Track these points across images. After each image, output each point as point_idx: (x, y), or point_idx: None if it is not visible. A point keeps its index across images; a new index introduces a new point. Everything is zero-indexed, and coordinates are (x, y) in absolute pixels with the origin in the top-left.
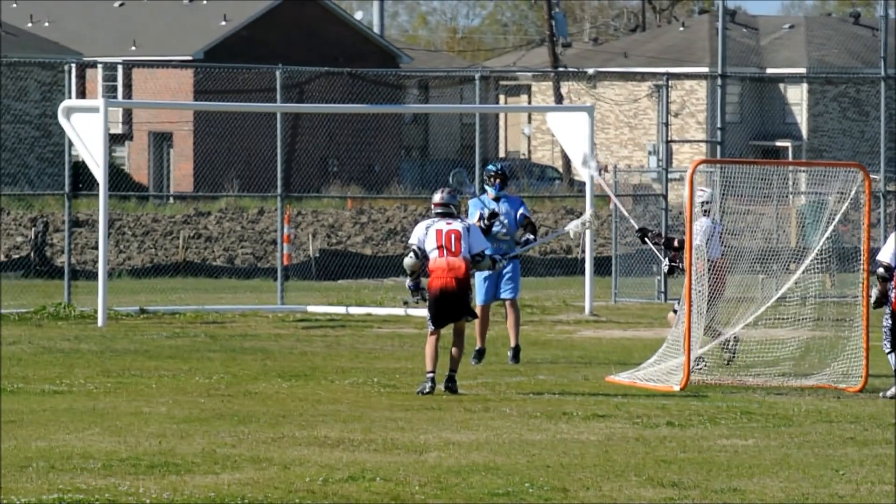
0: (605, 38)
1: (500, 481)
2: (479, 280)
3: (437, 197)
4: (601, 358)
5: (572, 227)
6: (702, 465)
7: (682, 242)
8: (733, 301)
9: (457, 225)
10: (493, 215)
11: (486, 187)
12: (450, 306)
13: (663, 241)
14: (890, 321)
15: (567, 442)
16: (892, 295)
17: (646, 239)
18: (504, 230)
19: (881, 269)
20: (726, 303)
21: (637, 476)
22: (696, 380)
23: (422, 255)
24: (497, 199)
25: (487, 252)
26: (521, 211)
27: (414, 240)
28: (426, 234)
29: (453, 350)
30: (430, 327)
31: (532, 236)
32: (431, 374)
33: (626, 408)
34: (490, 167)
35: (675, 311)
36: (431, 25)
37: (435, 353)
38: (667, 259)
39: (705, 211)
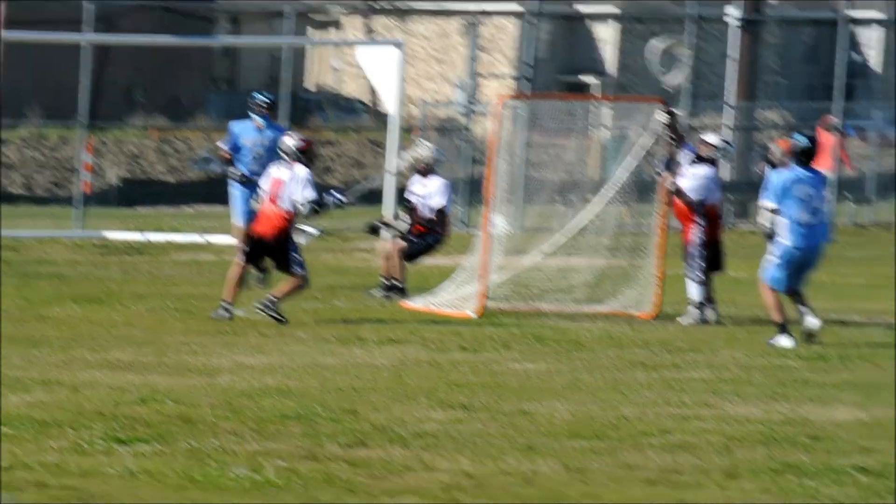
0: None
1: (292, 404)
2: None
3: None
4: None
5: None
6: (493, 388)
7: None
8: (531, 231)
9: (284, 173)
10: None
11: (254, 116)
12: (264, 253)
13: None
14: (701, 251)
15: (360, 366)
16: (697, 230)
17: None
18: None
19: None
20: (525, 231)
21: (427, 399)
22: (492, 307)
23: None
24: (262, 129)
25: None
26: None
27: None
28: (267, 172)
29: (285, 285)
30: (241, 257)
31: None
32: (227, 304)
33: (421, 333)
34: (259, 96)
35: None
36: None
37: (236, 283)
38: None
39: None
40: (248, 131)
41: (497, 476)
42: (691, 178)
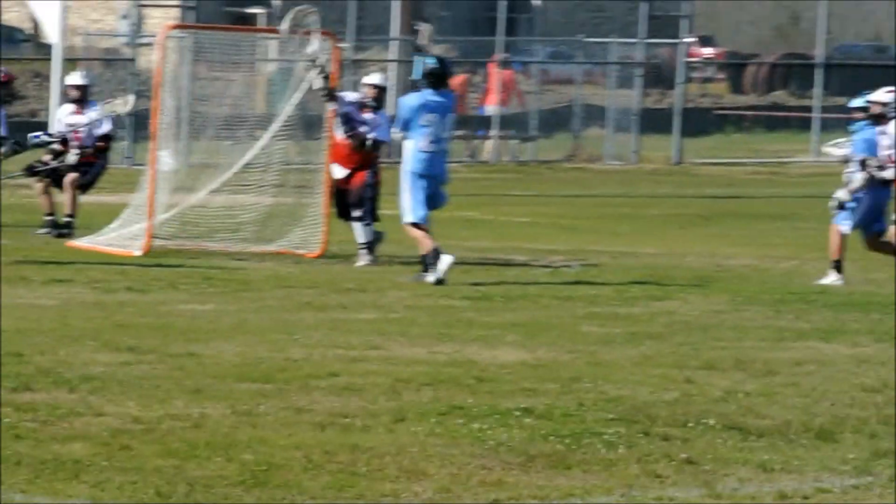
0: None
1: None
2: None
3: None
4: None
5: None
6: (160, 329)
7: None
8: (198, 167)
9: None
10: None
11: None
12: None
13: None
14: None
15: (23, 307)
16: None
17: None
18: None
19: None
20: (191, 168)
21: (94, 341)
22: (158, 245)
23: None
24: None
25: None
26: None
27: None
28: None
29: None
30: None
31: None
32: None
33: (86, 273)
34: None
35: None
36: None
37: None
38: None
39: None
40: None
41: (166, 420)
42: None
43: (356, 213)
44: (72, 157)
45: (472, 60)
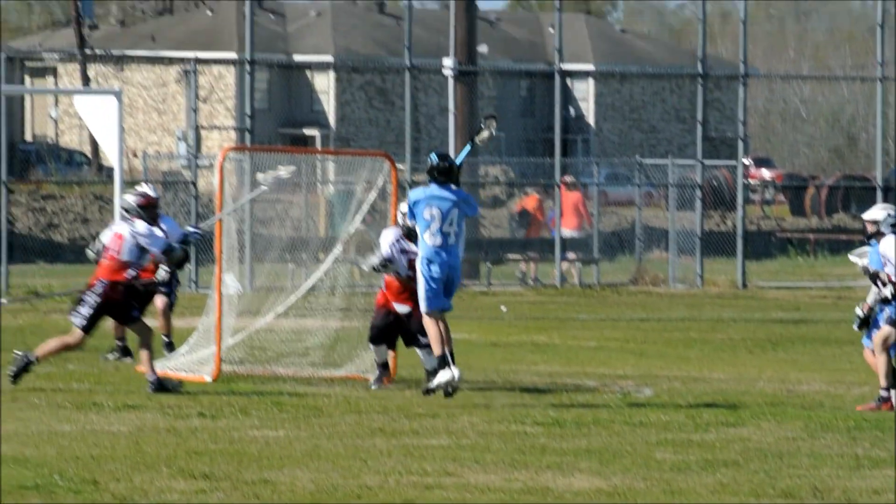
0: (133, 20)
1: (29, 473)
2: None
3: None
4: (133, 347)
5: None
6: (233, 456)
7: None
8: (263, 290)
9: (124, 228)
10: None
11: None
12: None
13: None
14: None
15: (97, 433)
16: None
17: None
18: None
19: None
20: (256, 291)
21: (168, 467)
22: (228, 370)
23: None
24: None
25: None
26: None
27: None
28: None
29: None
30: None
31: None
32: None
33: (158, 398)
34: None
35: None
36: None
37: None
38: None
39: None
40: None
41: None
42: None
43: (423, 341)
44: (162, 272)
45: (531, 182)
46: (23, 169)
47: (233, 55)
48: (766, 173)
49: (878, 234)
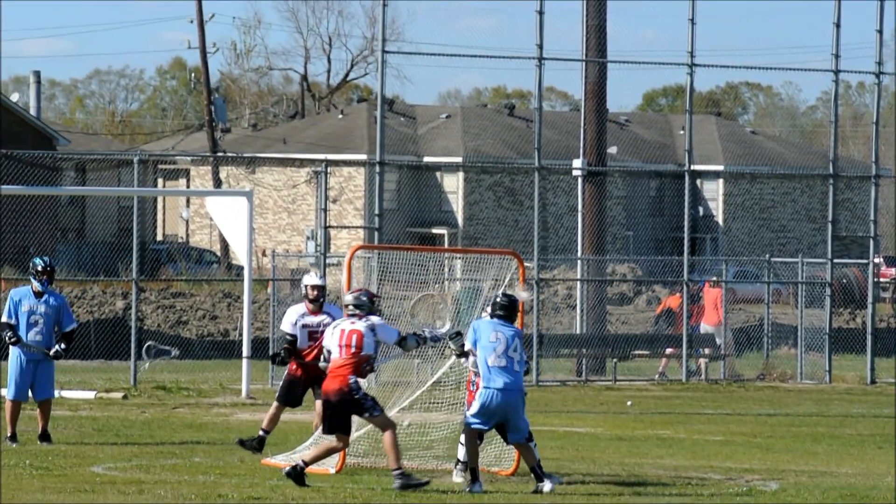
0: (265, 124)
1: None
2: None
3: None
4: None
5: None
6: None
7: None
8: (389, 385)
9: (360, 325)
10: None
11: (33, 280)
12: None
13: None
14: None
15: None
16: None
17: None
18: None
19: None
20: (383, 387)
21: None
22: (352, 462)
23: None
24: (40, 295)
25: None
26: None
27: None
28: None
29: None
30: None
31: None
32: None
33: (282, 490)
34: (37, 261)
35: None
36: (89, 108)
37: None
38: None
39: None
40: (26, 297)
41: None
42: None
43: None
44: (322, 364)
45: (657, 278)
46: (154, 268)
47: (363, 156)
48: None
49: None
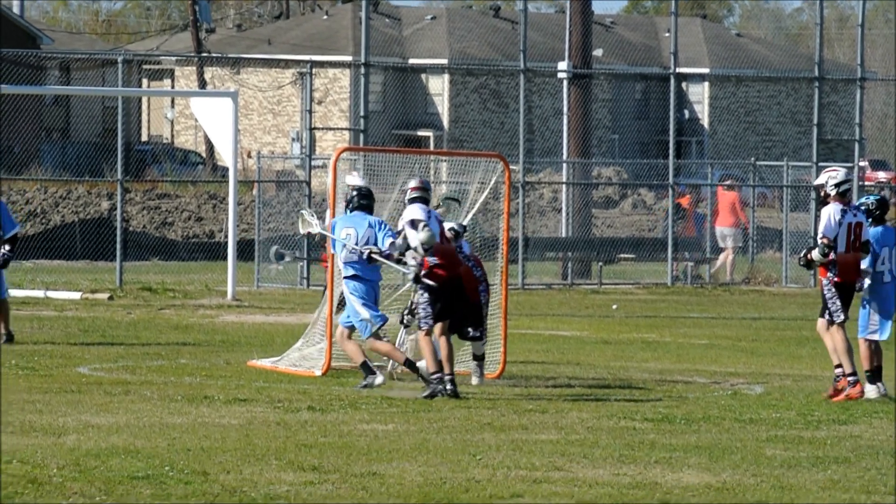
0: (250, 24)
1: (140, 464)
2: None
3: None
4: (243, 343)
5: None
6: (342, 449)
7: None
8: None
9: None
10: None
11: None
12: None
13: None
14: None
15: (208, 425)
16: None
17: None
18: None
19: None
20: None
21: (278, 460)
22: (338, 365)
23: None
24: None
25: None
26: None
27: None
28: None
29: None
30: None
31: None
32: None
33: (268, 392)
34: None
35: None
36: (73, 8)
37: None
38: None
39: None
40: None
41: None
42: None
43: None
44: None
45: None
46: (139, 169)
47: (348, 58)
48: (881, 175)
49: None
